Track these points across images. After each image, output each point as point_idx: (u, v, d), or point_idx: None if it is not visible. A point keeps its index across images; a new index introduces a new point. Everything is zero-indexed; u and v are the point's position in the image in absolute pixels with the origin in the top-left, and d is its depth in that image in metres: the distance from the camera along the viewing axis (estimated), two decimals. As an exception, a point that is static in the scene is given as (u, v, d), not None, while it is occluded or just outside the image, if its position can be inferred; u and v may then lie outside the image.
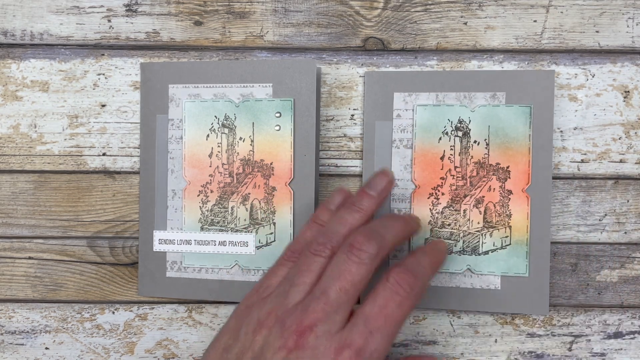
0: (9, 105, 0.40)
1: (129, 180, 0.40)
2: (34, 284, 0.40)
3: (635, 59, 0.39)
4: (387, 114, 0.38)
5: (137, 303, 0.40)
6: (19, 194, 0.40)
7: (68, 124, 0.40)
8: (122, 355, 0.40)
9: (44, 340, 0.40)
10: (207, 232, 0.39)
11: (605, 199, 0.39)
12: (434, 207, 0.38)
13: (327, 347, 0.27)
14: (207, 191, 0.39)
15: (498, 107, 0.38)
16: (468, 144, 0.38)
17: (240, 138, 0.39)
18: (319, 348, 0.27)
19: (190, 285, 0.39)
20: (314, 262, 0.30)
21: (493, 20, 0.39)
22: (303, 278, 0.30)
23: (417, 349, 0.39)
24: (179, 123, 0.39)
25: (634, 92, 0.39)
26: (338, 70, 0.39)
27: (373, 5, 0.39)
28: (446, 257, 0.34)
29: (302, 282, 0.30)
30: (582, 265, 0.39)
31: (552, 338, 0.39)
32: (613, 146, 0.39)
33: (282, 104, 0.38)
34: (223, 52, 0.40)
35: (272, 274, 0.32)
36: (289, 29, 0.40)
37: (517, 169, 0.37)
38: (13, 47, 0.40)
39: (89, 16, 0.40)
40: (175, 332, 0.40)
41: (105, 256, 0.40)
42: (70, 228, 0.40)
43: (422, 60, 0.39)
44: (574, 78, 0.39)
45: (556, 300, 0.39)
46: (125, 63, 0.40)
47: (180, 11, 0.40)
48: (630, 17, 0.39)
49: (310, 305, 0.28)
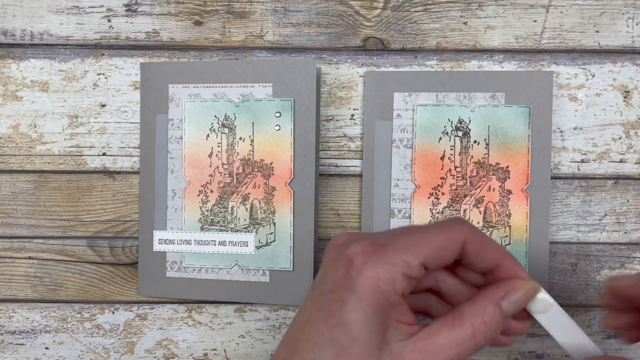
0: (9, 105, 0.40)
1: (129, 180, 0.40)
2: (34, 283, 0.40)
3: (635, 58, 0.39)
4: (387, 113, 0.38)
5: (137, 303, 0.40)
6: (19, 193, 0.40)
7: (68, 123, 0.40)
8: (122, 355, 0.40)
9: (44, 340, 0.40)
10: (207, 232, 0.39)
11: (605, 199, 0.39)
12: (434, 207, 0.38)
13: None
14: (207, 191, 0.39)
15: (498, 107, 0.38)
16: (468, 144, 0.38)
17: (240, 138, 0.39)
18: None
19: (190, 285, 0.39)
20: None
21: (493, 20, 0.39)
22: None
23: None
24: (179, 123, 0.39)
25: (634, 92, 0.39)
26: (338, 70, 0.39)
27: (373, 5, 0.39)
28: None
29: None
30: (582, 265, 0.39)
31: (552, 338, 0.39)
32: (613, 146, 0.39)
33: (282, 103, 0.38)
34: (223, 52, 0.40)
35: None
36: (289, 28, 0.40)
37: (516, 169, 0.37)
38: (13, 47, 0.40)
39: (89, 16, 0.40)
40: (175, 332, 0.40)
41: (105, 256, 0.40)
42: (70, 228, 0.40)
43: (422, 60, 0.39)
44: (574, 78, 0.39)
45: (556, 300, 0.39)
46: (125, 63, 0.40)
47: (180, 11, 0.40)
48: (630, 17, 0.39)
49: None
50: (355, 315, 0.24)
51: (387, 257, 0.25)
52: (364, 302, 0.24)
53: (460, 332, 0.25)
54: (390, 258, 0.25)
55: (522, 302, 0.27)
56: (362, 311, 0.24)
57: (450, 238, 0.26)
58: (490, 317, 0.26)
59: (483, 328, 0.25)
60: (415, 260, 0.25)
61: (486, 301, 0.26)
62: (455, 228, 0.26)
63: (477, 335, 0.25)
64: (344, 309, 0.25)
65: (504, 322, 0.27)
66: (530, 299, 0.27)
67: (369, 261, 0.25)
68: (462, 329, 0.25)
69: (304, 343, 0.25)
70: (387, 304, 0.25)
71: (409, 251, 0.25)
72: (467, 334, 0.25)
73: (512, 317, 0.28)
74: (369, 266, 0.25)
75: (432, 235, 0.26)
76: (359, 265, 0.25)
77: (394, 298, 0.25)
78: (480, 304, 0.26)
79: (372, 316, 0.24)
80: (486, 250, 0.27)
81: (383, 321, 0.25)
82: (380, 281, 0.25)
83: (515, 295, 0.26)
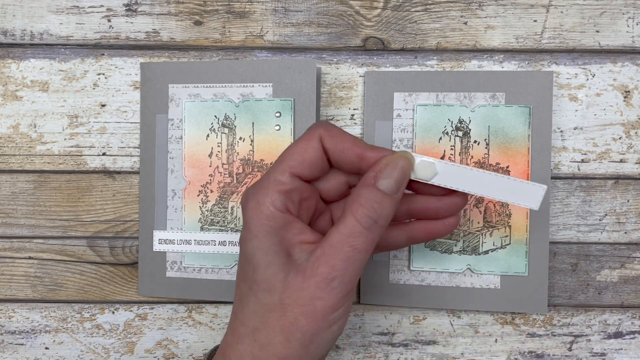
0: (9, 105, 0.40)
1: (128, 180, 0.40)
2: (34, 283, 0.40)
3: (635, 58, 0.39)
4: (387, 113, 0.38)
5: (137, 303, 0.40)
6: (19, 193, 0.40)
7: (68, 123, 0.40)
8: (122, 355, 0.40)
9: (44, 340, 0.40)
10: (207, 232, 0.39)
11: (606, 198, 0.39)
12: (434, 207, 0.38)
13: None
14: (207, 191, 0.39)
15: (498, 107, 0.38)
16: (468, 143, 0.38)
17: (240, 138, 0.39)
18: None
19: (190, 285, 0.39)
20: None
21: (493, 20, 0.39)
22: None
23: (417, 349, 0.39)
24: (178, 123, 0.39)
25: (634, 92, 0.39)
26: (338, 70, 0.39)
27: (373, 5, 0.39)
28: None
29: None
30: (583, 265, 0.39)
31: (552, 338, 0.39)
32: (613, 146, 0.39)
33: (282, 103, 0.38)
34: (223, 52, 0.40)
35: None
36: (289, 28, 0.40)
37: (516, 169, 0.37)
38: (13, 47, 0.40)
39: (89, 16, 0.40)
40: (175, 332, 0.40)
41: (105, 256, 0.40)
42: (70, 228, 0.40)
43: (422, 60, 0.39)
44: (574, 78, 0.39)
45: (556, 300, 0.39)
46: (125, 63, 0.40)
47: (180, 11, 0.40)
48: (631, 16, 0.39)
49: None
50: (251, 245, 0.26)
51: (261, 183, 0.27)
52: (254, 230, 0.26)
53: (345, 225, 0.26)
54: (263, 183, 0.27)
55: (398, 175, 0.27)
56: (255, 239, 0.26)
57: (307, 140, 0.28)
58: (366, 200, 0.26)
59: (364, 211, 0.26)
60: (283, 175, 0.27)
61: (358, 187, 0.27)
62: (311, 130, 0.28)
63: (362, 220, 0.25)
64: (243, 244, 0.27)
65: (396, 201, 0.27)
66: (406, 168, 0.27)
67: (249, 194, 0.27)
68: (346, 222, 0.26)
69: (235, 292, 0.28)
70: (276, 225, 0.26)
71: (277, 169, 0.27)
72: (352, 223, 0.26)
73: (427, 194, 0.29)
74: (250, 198, 0.27)
75: (294, 145, 0.28)
76: (244, 202, 0.27)
77: (280, 216, 0.26)
78: (355, 192, 0.26)
79: (266, 240, 0.26)
80: (344, 143, 0.27)
81: (281, 243, 0.26)
82: (260, 206, 0.26)
83: (386, 170, 0.26)
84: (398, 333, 0.40)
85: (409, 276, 0.38)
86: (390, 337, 0.40)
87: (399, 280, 0.38)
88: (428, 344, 0.39)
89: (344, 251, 0.25)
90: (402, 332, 0.40)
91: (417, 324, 0.40)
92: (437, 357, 0.39)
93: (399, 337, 0.40)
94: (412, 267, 0.38)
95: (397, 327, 0.40)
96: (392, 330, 0.40)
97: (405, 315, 0.40)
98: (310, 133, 0.28)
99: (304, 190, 0.28)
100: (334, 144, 0.27)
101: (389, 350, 0.40)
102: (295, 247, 0.26)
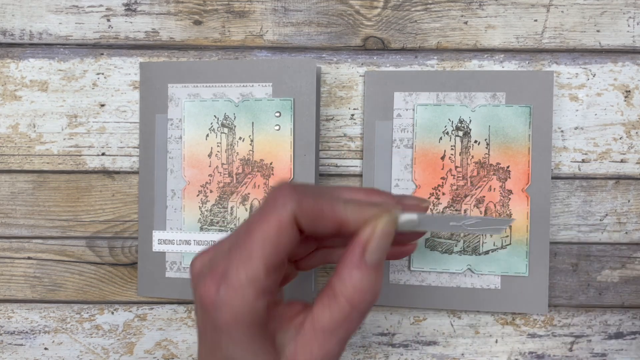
0: (8, 105, 0.40)
1: (128, 180, 0.40)
2: (33, 284, 0.40)
3: (636, 58, 0.39)
4: (388, 113, 0.38)
5: (137, 303, 0.40)
6: (18, 193, 0.40)
7: (67, 123, 0.40)
8: (121, 355, 0.40)
9: (43, 340, 0.40)
10: (206, 232, 0.39)
11: (606, 199, 0.39)
12: (435, 207, 0.38)
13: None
14: (207, 191, 0.39)
15: (498, 107, 0.37)
16: (469, 143, 0.38)
17: (240, 138, 0.38)
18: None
19: (189, 285, 0.39)
20: None
21: (493, 19, 0.39)
22: None
23: (418, 349, 0.39)
24: (178, 123, 0.39)
25: (635, 92, 0.39)
26: (338, 70, 0.39)
27: (373, 4, 0.39)
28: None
29: None
30: (583, 265, 0.39)
31: (552, 338, 0.39)
32: (614, 146, 0.39)
33: (281, 103, 0.38)
34: (222, 51, 0.40)
35: None
36: (288, 28, 0.39)
37: (517, 169, 0.37)
38: (12, 46, 0.40)
39: (88, 15, 0.40)
40: (175, 333, 0.40)
41: (105, 256, 0.40)
42: (69, 228, 0.40)
43: (423, 59, 0.39)
44: (575, 78, 0.39)
45: (557, 301, 0.39)
46: (125, 62, 0.40)
47: (180, 10, 0.40)
48: (631, 16, 0.39)
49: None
50: (232, 351, 0.24)
51: (231, 284, 0.23)
52: (234, 336, 0.23)
53: (338, 309, 0.24)
54: (234, 283, 0.23)
55: (384, 243, 0.24)
56: (238, 345, 0.24)
57: (278, 222, 0.23)
58: (359, 282, 0.24)
59: (359, 296, 0.24)
60: (257, 273, 0.23)
61: (348, 268, 0.24)
62: (280, 207, 0.24)
63: (356, 303, 0.24)
64: (222, 351, 0.24)
65: (381, 266, 0.25)
66: (392, 232, 0.25)
67: (218, 298, 0.23)
68: (339, 306, 0.24)
69: None
70: (257, 322, 0.24)
71: (247, 267, 0.23)
72: (345, 308, 0.24)
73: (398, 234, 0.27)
74: (221, 302, 0.23)
75: (258, 232, 0.24)
76: (211, 304, 0.24)
77: (260, 313, 0.24)
78: (345, 273, 0.24)
79: (249, 342, 0.24)
80: (321, 212, 0.24)
81: (264, 334, 0.24)
82: (237, 313, 0.23)
83: (373, 244, 0.24)
84: (398, 333, 0.39)
85: (409, 276, 0.38)
86: (390, 338, 0.40)
87: (399, 280, 0.38)
88: (428, 344, 0.39)
89: (339, 336, 0.24)
90: (402, 332, 0.39)
91: (417, 324, 0.39)
92: (437, 357, 0.39)
93: (399, 338, 0.39)
94: (413, 268, 0.38)
95: (397, 328, 0.39)
96: (393, 331, 0.39)
97: (405, 316, 0.39)
98: (280, 212, 0.24)
99: (278, 272, 0.25)
100: (310, 220, 0.24)
101: (389, 350, 0.39)
102: (278, 326, 0.25)
